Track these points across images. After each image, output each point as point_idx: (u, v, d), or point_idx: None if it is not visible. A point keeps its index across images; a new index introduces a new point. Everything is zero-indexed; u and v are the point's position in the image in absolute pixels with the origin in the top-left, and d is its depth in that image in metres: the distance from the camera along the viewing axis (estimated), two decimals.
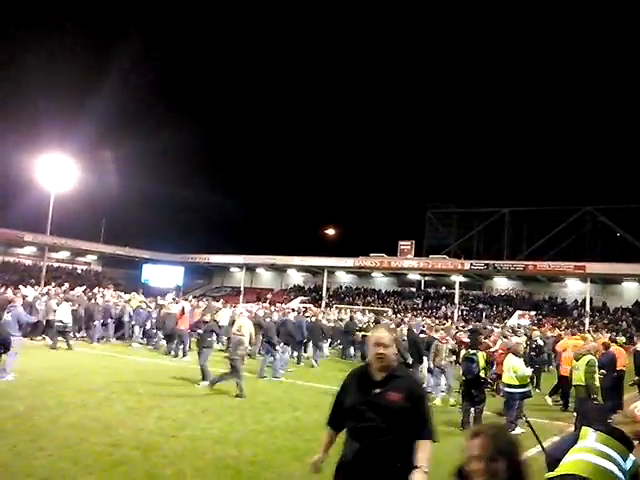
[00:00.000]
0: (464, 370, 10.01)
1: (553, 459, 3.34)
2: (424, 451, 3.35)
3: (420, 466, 3.26)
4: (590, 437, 3.25)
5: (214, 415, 9.15)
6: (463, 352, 10.53)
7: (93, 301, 20.71)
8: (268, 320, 16.74)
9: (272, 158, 74.42)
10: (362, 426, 3.39)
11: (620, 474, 2.97)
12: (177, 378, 12.96)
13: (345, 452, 3.52)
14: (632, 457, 3.06)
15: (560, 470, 3.19)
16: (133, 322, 20.70)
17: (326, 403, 12.11)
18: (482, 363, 9.90)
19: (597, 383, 9.66)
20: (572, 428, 7.75)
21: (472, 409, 9.69)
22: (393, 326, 17.59)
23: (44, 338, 18.50)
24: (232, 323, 19.33)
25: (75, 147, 41.25)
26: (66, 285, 26.21)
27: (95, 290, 26.16)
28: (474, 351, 10.11)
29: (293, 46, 78.07)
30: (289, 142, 76.70)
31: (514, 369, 9.71)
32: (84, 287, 25.65)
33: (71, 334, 18.15)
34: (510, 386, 9.72)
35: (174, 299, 24.06)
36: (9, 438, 6.93)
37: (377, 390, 3.42)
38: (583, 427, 3.44)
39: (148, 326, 20.59)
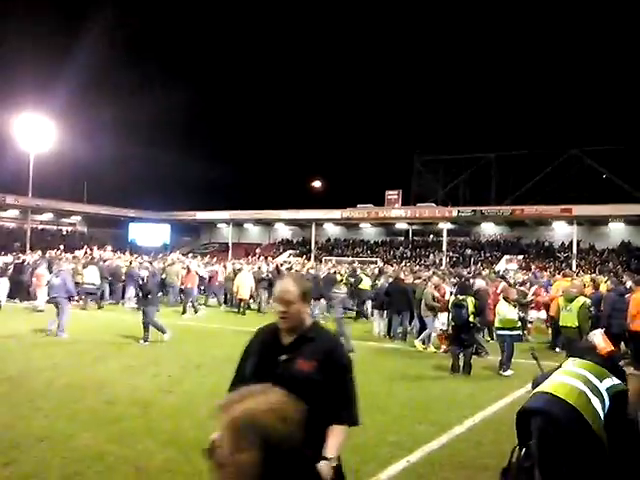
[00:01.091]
0: (453, 316, 10.16)
1: (536, 384, 3.59)
2: (336, 438, 2.60)
3: (329, 457, 2.51)
4: (569, 362, 3.47)
5: (208, 370, 9.24)
6: (452, 298, 10.64)
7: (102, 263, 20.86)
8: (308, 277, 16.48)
9: (256, 112, 73.11)
10: None
11: (588, 391, 3.17)
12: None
13: None
14: (613, 380, 3.25)
15: (535, 391, 3.45)
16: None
17: None
18: (471, 308, 10.06)
19: (588, 325, 9.71)
20: None
21: (461, 353, 9.87)
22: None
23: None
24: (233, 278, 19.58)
25: (55, 106, 40.27)
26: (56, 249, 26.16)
27: (96, 252, 26.18)
28: (463, 297, 10.24)
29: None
30: (272, 95, 75.29)
31: (498, 312, 9.96)
32: (85, 249, 25.71)
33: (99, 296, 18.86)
34: (499, 329, 9.96)
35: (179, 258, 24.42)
36: (6, 400, 6.99)
37: (284, 356, 2.72)
38: (568, 358, 3.66)
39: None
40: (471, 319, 10.05)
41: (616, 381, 3.25)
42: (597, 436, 3.06)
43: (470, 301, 10.13)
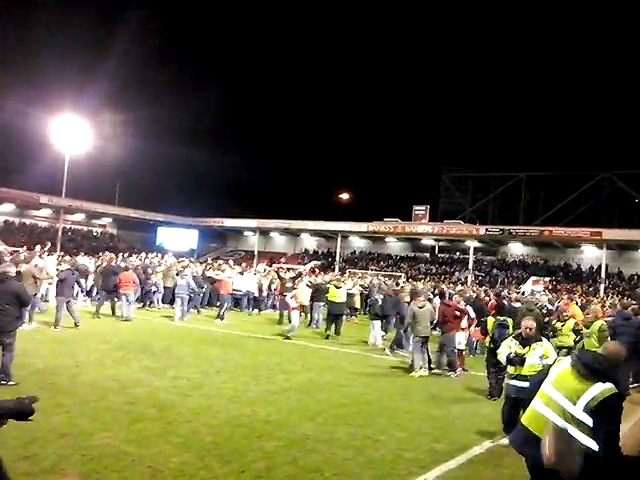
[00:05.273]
0: (497, 336, 9.75)
1: (529, 390, 3.91)
2: None
3: None
4: (552, 373, 3.60)
5: (228, 375, 9.28)
6: (490, 319, 10.19)
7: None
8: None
9: (286, 122, 73.78)
10: None
11: (559, 419, 3.28)
12: (192, 339, 13.15)
13: None
14: (595, 390, 3.21)
15: (521, 420, 3.67)
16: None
17: (338, 365, 12.14)
18: (510, 329, 9.69)
19: None
20: None
21: (493, 375, 9.53)
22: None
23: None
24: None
25: (89, 109, 41.18)
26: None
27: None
28: (504, 317, 9.87)
29: (308, 4, 76.39)
30: (303, 105, 75.88)
31: None
32: (154, 254, 26.59)
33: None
34: None
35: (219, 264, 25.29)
36: (29, 394, 7.08)
37: None
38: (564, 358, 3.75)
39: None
40: None
41: (592, 394, 3.23)
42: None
43: (510, 322, 9.80)
